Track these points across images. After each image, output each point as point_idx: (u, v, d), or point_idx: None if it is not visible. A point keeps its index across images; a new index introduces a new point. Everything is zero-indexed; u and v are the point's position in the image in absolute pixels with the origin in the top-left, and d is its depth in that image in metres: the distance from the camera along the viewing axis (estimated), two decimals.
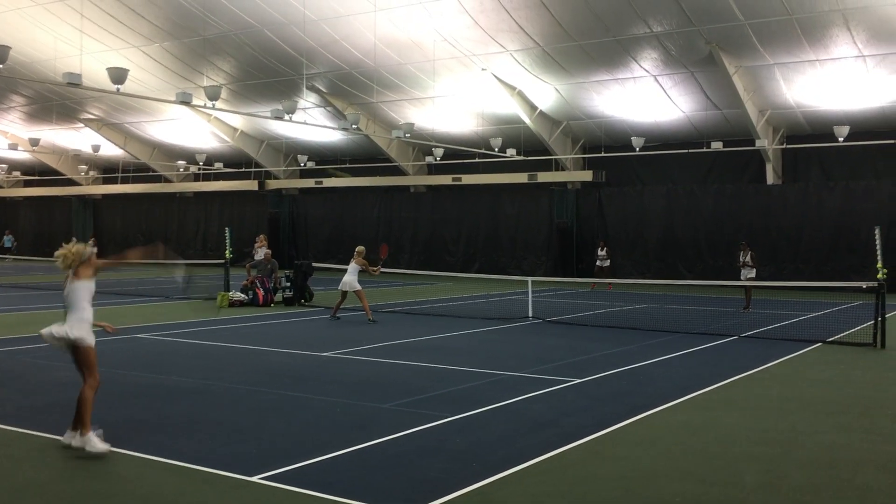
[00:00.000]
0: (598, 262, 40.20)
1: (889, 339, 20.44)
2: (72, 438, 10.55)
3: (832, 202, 38.40)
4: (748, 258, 28.90)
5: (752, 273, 28.93)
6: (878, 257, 20.60)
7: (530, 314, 26.07)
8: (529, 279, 28.31)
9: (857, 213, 37.31)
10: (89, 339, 10.75)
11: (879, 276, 20.43)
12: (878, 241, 20.70)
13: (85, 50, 38.29)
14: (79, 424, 10.54)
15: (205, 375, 15.74)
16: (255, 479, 9.37)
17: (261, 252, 32.64)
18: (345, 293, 25.67)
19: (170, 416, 12.53)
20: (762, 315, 27.58)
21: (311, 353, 18.70)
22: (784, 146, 38.96)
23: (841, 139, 34.31)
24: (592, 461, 10.26)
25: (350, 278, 25.36)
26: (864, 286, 22.47)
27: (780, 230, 39.26)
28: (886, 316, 20.79)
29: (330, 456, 10.26)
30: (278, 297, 30.29)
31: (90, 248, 11.16)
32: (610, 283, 38.43)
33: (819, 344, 20.76)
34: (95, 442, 10.38)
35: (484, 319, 25.64)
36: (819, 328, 23.70)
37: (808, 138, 38.58)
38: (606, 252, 40.18)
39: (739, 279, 29.33)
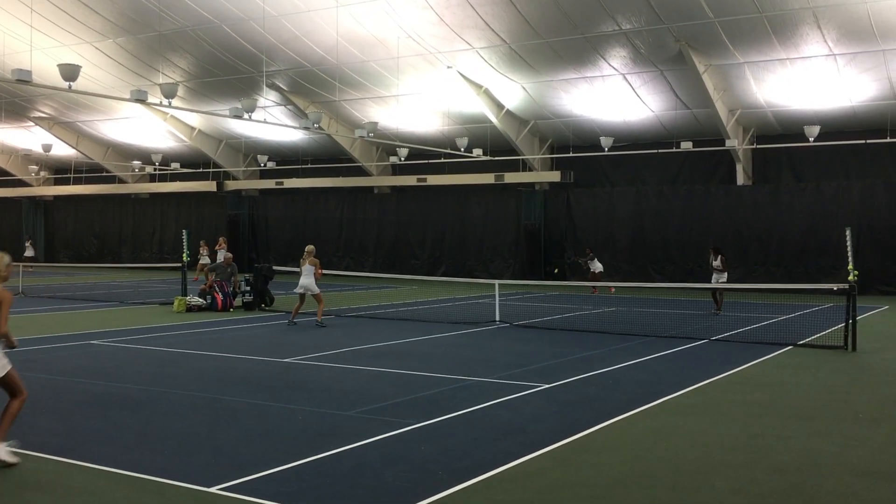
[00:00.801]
0: (591, 270, 39.82)
1: (860, 342, 20.62)
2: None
3: (803, 203, 38.62)
4: (718, 261, 29.08)
5: (724, 277, 29.14)
6: (849, 259, 20.75)
7: (497, 318, 26.13)
8: (496, 282, 28.38)
9: (827, 215, 37.53)
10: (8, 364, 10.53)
11: (850, 277, 20.59)
12: (848, 243, 20.86)
13: (35, 45, 38.08)
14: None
15: (161, 383, 15.68)
16: (213, 489, 9.36)
17: (220, 254, 32.58)
18: (303, 296, 25.62)
19: (125, 425, 12.49)
20: (732, 318, 27.72)
21: (272, 359, 18.68)
22: (754, 146, 39.17)
23: (811, 139, 34.53)
24: (560, 469, 10.30)
25: (307, 280, 25.33)
26: (835, 288, 22.64)
27: (750, 232, 39.45)
28: (857, 318, 20.94)
29: (291, 465, 10.26)
30: (238, 301, 30.22)
31: (7, 259, 10.71)
32: (595, 287, 38.28)
33: (790, 347, 20.90)
34: (4, 453, 10.23)
35: (450, 324, 25.68)
36: (790, 331, 23.86)
37: (779, 138, 38.84)
38: (592, 255, 39.83)
39: (710, 282, 29.54)
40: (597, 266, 39.11)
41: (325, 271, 27.06)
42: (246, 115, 30.46)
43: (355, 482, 9.70)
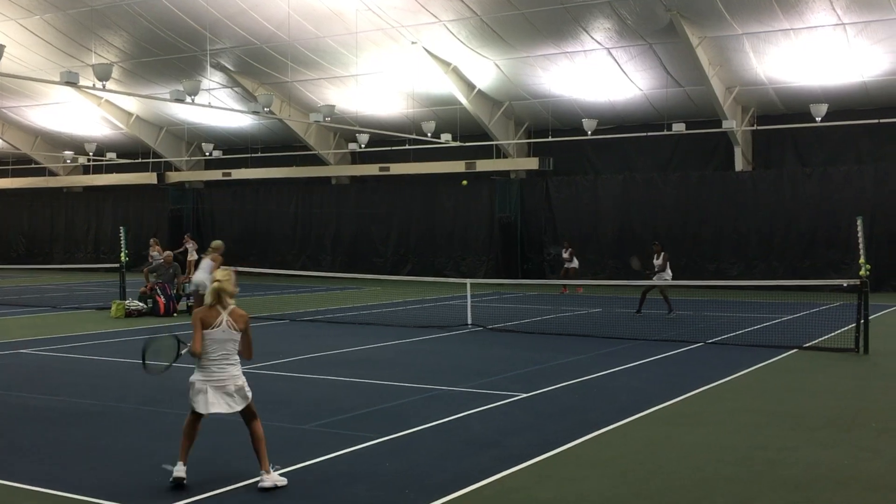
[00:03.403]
0: (565, 265, 39.99)
1: (873, 344, 20.62)
2: None
3: (809, 190, 38.66)
4: (661, 259, 29.01)
5: (668, 274, 29.02)
6: (861, 252, 20.82)
7: (469, 321, 26.08)
8: (468, 281, 28.32)
9: (836, 203, 37.57)
10: None
11: (862, 272, 20.64)
12: (860, 234, 20.93)
13: None
14: None
15: (101, 395, 15.61)
16: None
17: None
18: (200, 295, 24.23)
19: (61, 442, 12.44)
20: (731, 319, 27.83)
21: None
22: (755, 127, 39.30)
23: (818, 119, 34.57)
24: (540, 485, 10.31)
25: (204, 276, 24.15)
26: (845, 284, 22.75)
27: (750, 223, 39.52)
28: (870, 318, 20.95)
29: (243, 484, 10.26)
30: (182, 305, 30.10)
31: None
32: (579, 286, 38.38)
33: (795, 350, 20.97)
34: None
35: (417, 328, 25.69)
36: (795, 332, 23.90)
37: (782, 118, 38.97)
38: (570, 253, 39.91)
39: (654, 281, 29.25)
40: (575, 262, 39.19)
41: (277, 271, 26.80)
42: (188, 99, 30.41)
43: (314, 501, 9.68)
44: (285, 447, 11.91)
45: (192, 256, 37.47)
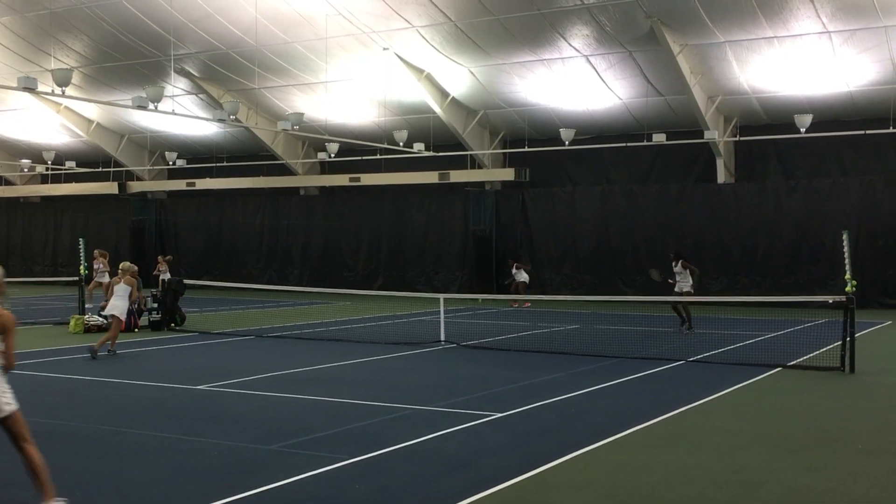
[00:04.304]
0: (515, 280, 40.14)
1: (859, 363, 20.67)
2: None
3: (793, 203, 38.76)
4: (679, 266, 28.91)
5: (689, 283, 28.92)
6: (846, 267, 20.87)
7: (442, 337, 26.07)
8: (441, 297, 28.36)
9: (821, 216, 37.67)
10: None
11: (847, 289, 20.69)
12: (845, 249, 20.98)
13: None
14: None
15: (56, 415, 15.51)
16: None
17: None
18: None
19: (13, 463, 12.34)
20: (713, 336, 27.85)
21: (184, 386, 18.57)
22: (737, 138, 39.34)
23: (803, 130, 34.58)
24: None
25: (121, 303, 24.06)
26: (831, 301, 22.74)
27: (733, 237, 39.62)
28: (856, 335, 20.98)
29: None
30: (143, 320, 29.99)
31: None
32: (515, 301, 38.68)
33: (778, 368, 21.02)
34: None
35: (388, 345, 25.65)
36: (778, 350, 23.93)
37: (765, 129, 39.04)
38: (517, 266, 40.10)
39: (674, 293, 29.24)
40: (522, 276, 39.32)
41: (243, 285, 26.70)
42: (151, 106, 30.26)
43: None
44: (249, 469, 11.87)
45: (165, 275, 37.35)
